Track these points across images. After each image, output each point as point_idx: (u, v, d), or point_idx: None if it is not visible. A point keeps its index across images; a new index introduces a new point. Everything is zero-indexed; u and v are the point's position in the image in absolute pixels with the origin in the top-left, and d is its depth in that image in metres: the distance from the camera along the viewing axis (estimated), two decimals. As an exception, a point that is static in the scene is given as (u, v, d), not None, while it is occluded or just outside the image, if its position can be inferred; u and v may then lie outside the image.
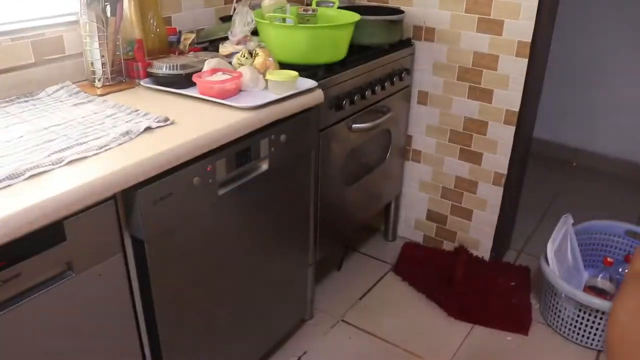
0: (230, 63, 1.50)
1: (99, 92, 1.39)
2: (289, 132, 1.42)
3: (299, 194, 1.59)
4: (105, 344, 1.11)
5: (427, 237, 2.39)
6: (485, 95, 1.99)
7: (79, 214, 0.96)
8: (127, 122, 1.19)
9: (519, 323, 1.95)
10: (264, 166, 1.39)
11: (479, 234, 2.23)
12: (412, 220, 2.41)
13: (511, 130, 1.98)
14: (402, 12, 1.96)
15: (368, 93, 1.79)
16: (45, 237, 0.92)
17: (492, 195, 2.12)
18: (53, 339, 1.00)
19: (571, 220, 2.03)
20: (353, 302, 2.04)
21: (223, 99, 1.32)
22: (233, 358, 1.52)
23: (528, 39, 1.83)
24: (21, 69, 1.36)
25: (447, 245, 2.35)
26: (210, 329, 1.38)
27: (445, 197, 2.26)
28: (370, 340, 1.87)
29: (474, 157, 2.11)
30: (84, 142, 1.07)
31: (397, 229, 2.45)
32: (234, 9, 1.59)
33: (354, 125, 1.78)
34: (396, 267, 2.25)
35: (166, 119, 1.19)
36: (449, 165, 2.19)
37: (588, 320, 1.80)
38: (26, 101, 1.32)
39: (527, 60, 1.86)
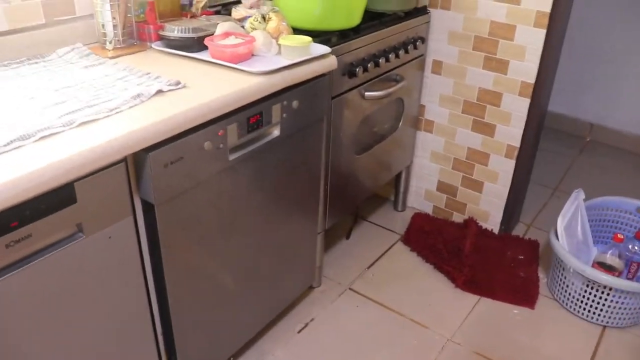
0: (242, 27, 1.48)
1: (110, 54, 1.38)
2: (301, 99, 1.41)
3: (310, 162, 1.58)
4: (115, 306, 1.12)
5: (436, 208, 2.38)
6: (500, 66, 1.96)
7: (89, 177, 0.96)
8: (138, 85, 1.18)
9: (526, 296, 1.95)
10: (276, 132, 1.38)
11: (489, 207, 2.22)
12: (423, 190, 2.40)
13: (526, 102, 1.95)
14: (418, -22, 1.92)
15: (382, 61, 1.76)
16: (56, 198, 0.92)
17: (503, 168, 2.11)
18: (63, 300, 1.01)
19: (582, 196, 2.01)
20: (361, 271, 2.05)
21: (235, 63, 1.31)
22: (241, 323, 1.54)
23: (547, 8, 1.79)
24: (32, 29, 1.35)
25: (457, 217, 2.34)
26: (219, 295, 1.39)
27: (457, 169, 2.24)
28: (377, 309, 1.88)
29: (487, 129, 2.08)
30: (94, 105, 1.06)
31: (407, 199, 2.44)
32: (248, -28, 1.56)
33: (366, 93, 1.76)
34: (405, 237, 2.25)
35: (177, 82, 1.18)
36: (461, 136, 2.17)
37: (595, 295, 1.80)
38: (37, 62, 1.31)
39: (545, 30, 1.82)
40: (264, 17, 1.46)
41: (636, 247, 1.92)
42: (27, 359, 0.98)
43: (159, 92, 1.14)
